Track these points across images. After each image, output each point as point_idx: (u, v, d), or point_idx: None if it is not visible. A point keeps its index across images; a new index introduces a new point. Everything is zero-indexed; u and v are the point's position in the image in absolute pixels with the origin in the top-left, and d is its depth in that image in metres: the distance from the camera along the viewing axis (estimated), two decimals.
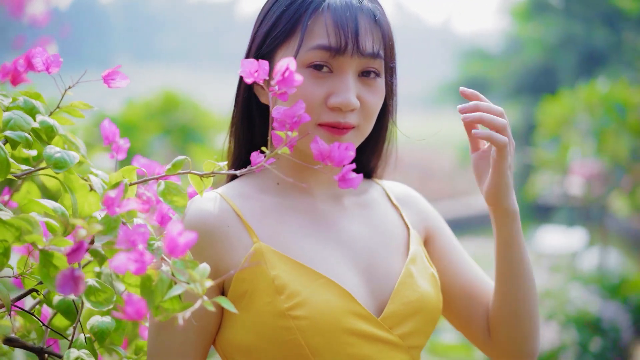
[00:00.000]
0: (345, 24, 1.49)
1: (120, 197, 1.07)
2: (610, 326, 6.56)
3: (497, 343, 1.70)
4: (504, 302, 1.66)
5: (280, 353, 1.44)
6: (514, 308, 1.66)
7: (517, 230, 1.63)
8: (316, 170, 1.52)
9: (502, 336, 1.69)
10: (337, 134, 1.51)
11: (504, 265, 1.65)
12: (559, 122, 8.55)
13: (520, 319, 1.66)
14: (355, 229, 1.62)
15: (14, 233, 1.09)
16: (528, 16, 17.10)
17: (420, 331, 1.59)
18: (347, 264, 1.55)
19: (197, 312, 1.39)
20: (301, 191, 1.60)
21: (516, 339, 1.68)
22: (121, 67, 1.42)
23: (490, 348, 1.72)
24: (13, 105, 1.33)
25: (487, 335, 1.71)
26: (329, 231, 1.58)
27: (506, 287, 1.66)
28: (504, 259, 1.65)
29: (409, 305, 1.56)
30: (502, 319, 1.67)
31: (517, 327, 1.67)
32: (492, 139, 1.53)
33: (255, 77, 1.20)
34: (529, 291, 1.67)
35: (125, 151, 1.48)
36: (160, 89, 7.10)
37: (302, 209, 1.58)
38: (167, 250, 0.99)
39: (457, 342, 4.97)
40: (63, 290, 1.01)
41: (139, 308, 0.99)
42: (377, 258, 1.60)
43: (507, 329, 1.68)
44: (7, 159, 1.14)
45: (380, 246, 1.62)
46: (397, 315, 1.54)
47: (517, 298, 1.65)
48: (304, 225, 1.56)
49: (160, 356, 1.47)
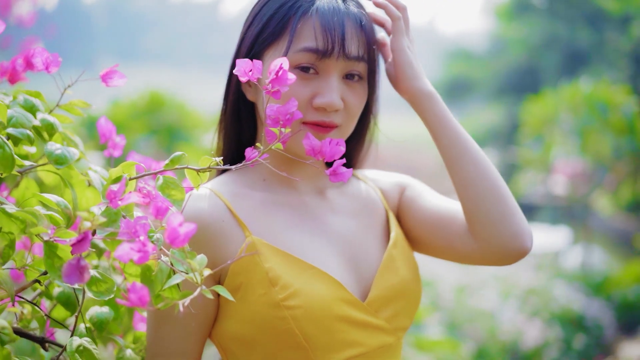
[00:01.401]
0: (332, 28, 1.55)
1: (122, 191, 1.12)
2: (594, 323, 6.62)
3: (484, 246, 1.65)
4: (464, 191, 1.65)
5: (275, 341, 1.50)
6: (475, 192, 1.63)
7: (440, 110, 1.67)
8: (301, 165, 1.61)
9: (484, 238, 1.64)
10: (321, 132, 1.57)
11: (444, 150, 1.68)
12: (542, 122, 8.62)
13: (488, 204, 1.63)
14: (339, 220, 1.69)
15: (19, 225, 1.14)
16: (512, 16, 17.20)
17: (404, 313, 1.66)
18: (333, 254, 1.62)
19: (197, 303, 1.46)
20: (287, 186, 1.67)
21: (496, 234, 1.63)
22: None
23: (480, 255, 1.67)
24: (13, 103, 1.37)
25: (474, 245, 1.67)
26: (314, 223, 1.65)
27: (458, 171, 1.66)
28: (441, 143, 1.68)
29: (392, 289, 1.63)
30: (472, 214, 1.65)
31: (490, 215, 1.63)
32: (388, 8, 1.68)
33: (249, 76, 1.25)
34: (482, 168, 1.65)
35: (121, 148, 1.54)
36: (146, 89, 7.11)
37: (289, 204, 1.65)
38: (168, 240, 1.04)
39: (443, 338, 5.01)
40: (69, 280, 1.05)
41: (142, 295, 1.04)
42: (360, 246, 1.67)
43: (481, 222, 1.64)
44: (12, 155, 1.19)
45: (362, 234, 1.70)
46: (381, 299, 1.61)
47: (474, 178, 1.64)
48: (291, 219, 1.63)
49: (163, 347, 1.52)
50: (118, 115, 6.68)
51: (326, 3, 1.58)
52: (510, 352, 6.21)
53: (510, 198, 1.64)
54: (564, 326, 6.50)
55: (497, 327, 6.33)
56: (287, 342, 1.50)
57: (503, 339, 6.23)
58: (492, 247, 1.64)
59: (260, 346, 1.52)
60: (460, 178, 1.66)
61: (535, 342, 6.23)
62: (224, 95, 1.70)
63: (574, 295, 6.96)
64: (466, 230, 1.68)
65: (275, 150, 1.32)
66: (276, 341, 1.50)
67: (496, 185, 1.64)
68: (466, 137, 1.68)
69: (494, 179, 1.65)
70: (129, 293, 1.04)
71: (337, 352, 1.53)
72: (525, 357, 6.22)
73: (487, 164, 1.66)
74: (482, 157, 1.66)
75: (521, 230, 1.63)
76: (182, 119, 6.88)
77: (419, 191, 1.82)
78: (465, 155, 1.66)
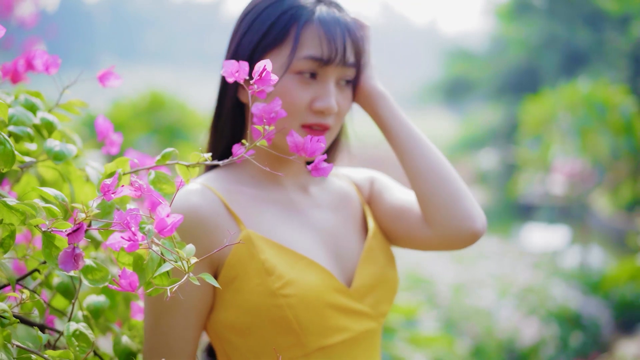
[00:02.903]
0: (335, 38, 1.67)
1: (115, 184, 1.20)
2: (591, 321, 6.66)
3: (438, 231, 1.74)
4: (416, 181, 1.76)
5: (271, 328, 1.60)
6: (426, 180, 1.74)
7: (394, 108, 1.80)
8: (287, 164, 1.69)
9: (437, 223, 1.74)
10: (318, 134, 1.68)
11: (398, 145, 1.79)
12: (541, 122, 8.67)
13: (438, 190, 1.73)
14: (321, 214, 1.80)
15: (19, 217, 1.21)
16: (512, 17, 17.24)
17: (385, 299, 1.77)
18: (319, 245, 1.72)
19: (196, 295, 1.55)
20: (273, 183, 1.77)
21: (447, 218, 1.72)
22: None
23: (437, 240, 1.76)
24: (15, 102, 1.45)
25: (430, 232, 1.76)
26: (300, 218, 1.75)
27: (410, 163, 1.77)
28: (395, 139, 1.79)
29: (373, 277, 1.75)
30: (425, 201, 1.74)
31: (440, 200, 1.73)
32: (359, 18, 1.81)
33: (236, 77, 1.33)
34: (431, 158, 1.76)
35: (118, 145, 1.61)
36: (147, 89, 7.18)
37: (276, 199, 1.74)
38: (156, 230, 1.11)
39: (438, 333, 5.07)
40: (65, 267, 1.14)
41: (132, 281, 1.12)
42: (341, 238, 1.78)
43: (433, 208, 1.73)
44: (12, 151, 1.26)
45: (343, 227, 1.81)
46: (364, 287, 1.72)
47: (425, 167, 1.75)
48: (280, 214, 1.72)
49: (163, 340, 1.60)
50: (119, 115, 6.75)
51: (325, 12, 1.69)
52: (507, 349, 6.26)
53: (459, 183, 1.76)
54: (560, 324, 6.56)
55: (494, 325, 6.39)
56: (281, 328, 1.59)
57: (500, 336, 6.29)
58: (445, 231, 1.74)
59: (256, 333, 1.61)
60: (412, 169, 1.77)
61: (532, 339, 6.28)
62: (218, 96, 1.78)
63: (571, 294, 7.01)
64: (422, 219, 1.78)
65: (263, 149, 1.40)
66: (271, 327, 1.60)
67: (445, 173, 1.75)
68: (417, 132, 1.80)
69: (442, 167, 1.76)
70: (120, 278, 1.12)
71: (327, 337, 1.63)
72: (521, 354, 6.27)
73: (436, 154, 1.78)
74: (431, 148, 1.78)
75: (471, 213, 1.73)
76: (183, 119, 6.95)
77: (385, 185, 1.92)
78: (416, 149, 1.77)
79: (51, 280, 1.50)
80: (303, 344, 1.61)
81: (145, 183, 1.25)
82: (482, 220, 1.75)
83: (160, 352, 1.60)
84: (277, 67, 1.65)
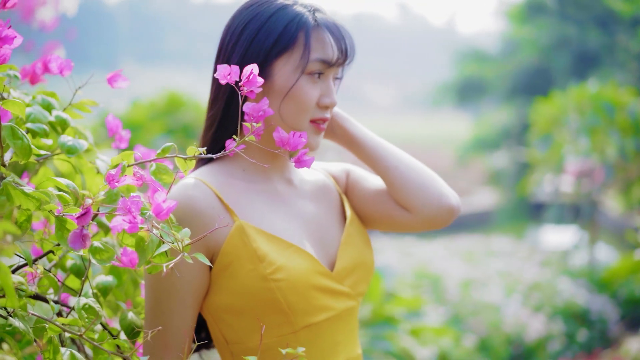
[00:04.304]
0: (341, 41, 1.87)
1: (119, 174, 1.37)
2: (598, 317, 6.76)
3: (417, 214, 1.99)
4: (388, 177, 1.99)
5: (262, 309, 1.78)
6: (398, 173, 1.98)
7: (356, 125, 2.03)
8: (274, 159, 1.85)
9: (415, 206, 1.98)
10: (321, 129, 1.89)
11: (372, 159, 2.02)
12: (551, 122, 8.76)
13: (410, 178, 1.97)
14: (305, 204, 1.97)
15: (35, 203, 1.38)
16: (523, 18, 17.29)
17: (363, 280, 1.97)
18: (304, 233, 1.90)
19: (193, 278, 1.73)
20: (262, 176, 1.92)
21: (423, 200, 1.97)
22: (126, 69, 1.72)
23: (418, 221, 2.00)
24: (33, 102, 1.63)
25: (409, 214, 2.01)
26: (287, 208, 1.92)
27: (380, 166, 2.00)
28: (364, 154, 2.03)
29: (352, 261, 1.94)
30: (400, 190, 1.99)
31: (414, 185, 1.97)
32: None
33: (228, 79, 1.50)
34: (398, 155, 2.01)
35: (127, 141, 1.79)
36: (164, 90, 7.33)
37: (265, 191, 1.91)
38: (154, 214, 1.29)
39: (442, 325, 5.19)
40: (74, 245, 1.31)
41: (132, 258, 1.30)
42: (323, 226, 1.97)
43: (408, 193, 1.97)
44: (29, 145, 1.44)
45: (324, 215, 1.99)
46: (345, 270, 1.91)
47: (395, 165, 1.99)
48: (268, 204, 1.89)
49: (163, 320, 1.77)
50: (137, 115, 6.90)
51: (326, 18, 1.88)
52: (513, 344, 6.38)
53: (426, 170, 2.01)
54: (567, 320, 6.66)
55: (501, 320, 6.52)
56: (272, 309, 1.77)
57: (506, 331, 6.41)
58: (424, 212, 1.98)
59: (249, 313, 1.79)
60: (382, 167, 2.01)
61: (539, 334, 6.39)
62: (215, 97, 1.91)
63: (578, 291, 7.11)
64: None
65: (254, 144, 1.58)
66: (263, 308, 1.77)
67: (411, 163, 2.01)
68: (377, 137, 2.05)
69: (408, 158, 2.01)
70: (122, 256, 1.30)
71: (313, 316, 1.81)
72: (528, 349, 6.40)
73: (399, 150, 2.03)
74: (392, 147, 2.03)
75: (444, 192, 1.99)
76: (199, 119, 7.09)
77: (360, 175, 2.12)
78: (383, 150, 2.02)
79: (65, 262, 1.67)
80: (291, 322, 1.79)
81: (146, 173, 1.42)
82: (455, 198, 2.00)
83: (160, 330, 1.75)
84: (291, 69, 1.82)
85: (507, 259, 8.98)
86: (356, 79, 49.23)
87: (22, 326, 1.34)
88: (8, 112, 1.51)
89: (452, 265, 8.22)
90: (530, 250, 10.04)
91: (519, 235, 13.06)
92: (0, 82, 1.52)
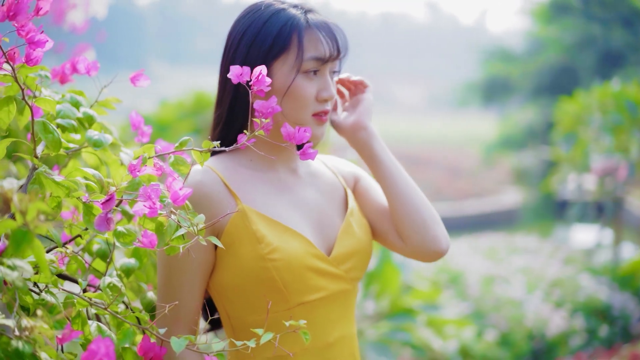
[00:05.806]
0: (333, 39, 2.00)
1: (140, 165, 1.52)
2: (620, 314, 6.78)
3: (410, 247, 2.12)
4: (396, 207, 2.12)
5: (259, 287, 1.93)
6: (405, 208, 2.11)
7: (383, 146, 2.15)
8: (280, 150, 2.00)
9: (410, 242, 2.11)
10: (323, 120, 2.03)
11: (387, 182, 2.13)
12: (575, 121, 8.81)
13: (413, 217, 2.10)
14: (308, 193, 2.11)
15: (64, 190, 1.53)
16: (548, 17, 17.27)
17: (359, 266, 2.11)
18: (304, 220, 2.05)
19: (201, 257, 1.87)
20: (268, 166, 2.07)
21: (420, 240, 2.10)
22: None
23: (409, 252, 2.14)
24: (62, 99, 1.78)
25: (402, 244, 2.14)
26: (289, 195, 2.07)
27: (393, 195, 2.12)
28: (384, 175, 2.14)
29: (349, 248, 2.08)
30: (401, 225, 2.11)
31: (415, 226, 2.10)
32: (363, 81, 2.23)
33: (240, 79, 1.64)
34: (412, 191, 2.12)
35: (148, 135, 1.93)
36: (192, 90, 7.46)
37: (269, 179, 2.06)
38: (171, 200, 1.44)
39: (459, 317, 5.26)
40: (99, 227, 1.46)
41: (152, 240, 1.45)
42: (324, 214, 2.10)
43: (408, 231, 2.10)
44: (59, 139, 1.59)
45: (326, 205, 2.13)
46: (342, 255, 2.05)
47: (406, 198, 2.11)
48: (271, 192, 2.04)
49: (174, 294, 1.92)
50: (165, 115, 7.00)
51: (315, 18, 2.00)
52: (534, 339, 6.44)
53: (431, 210, 2.13)
54: (589, 316, 6.70)
55: (523, 316, 6.58)
56: (268, 287, 1.92)
57: (528, 325, 6.48)
58: (416, 249, 2.12)
59: (248, 290, 1.94)
60: (394, 195, 2.12)
61: (560, 329, 6.42)
62: (220, 99, 2.06)
63: (600, 287, 7.14)
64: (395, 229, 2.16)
65: (262, 137, 1.73)
66: (260, 286, 1.93)
67: (421, 201, 2.13)
68: (399, 166, 2.16)
69: (419, 196, 2.13)
70: (142, 237, 1.44)
71: (307, 295, 1.97)
72: (549, 344, 6.45)
73: (415, 186, 2.15)
74: (410, 180, 2.15)
75: (440, 237, 2.12)
76: None
77: (369, 185, 2.25)
78: (401, 181, 2.14)
79: (91, 247, 1.83)
80: (287, 300, 1.94)
81: (165, 164, 1.57)
82: (446, 242, 2.14)
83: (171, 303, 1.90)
84: (288, 69, 1.96)
85: (531, 257, 9.03)
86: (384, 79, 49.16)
87: (53, 300, 1.49)
88: (40, 108, 1.68)
89: (474, 261, 8.30)
90: (554, 248, 10.07)
91: (544, 234, 13.08)
92: (33, 82, 1.66)
